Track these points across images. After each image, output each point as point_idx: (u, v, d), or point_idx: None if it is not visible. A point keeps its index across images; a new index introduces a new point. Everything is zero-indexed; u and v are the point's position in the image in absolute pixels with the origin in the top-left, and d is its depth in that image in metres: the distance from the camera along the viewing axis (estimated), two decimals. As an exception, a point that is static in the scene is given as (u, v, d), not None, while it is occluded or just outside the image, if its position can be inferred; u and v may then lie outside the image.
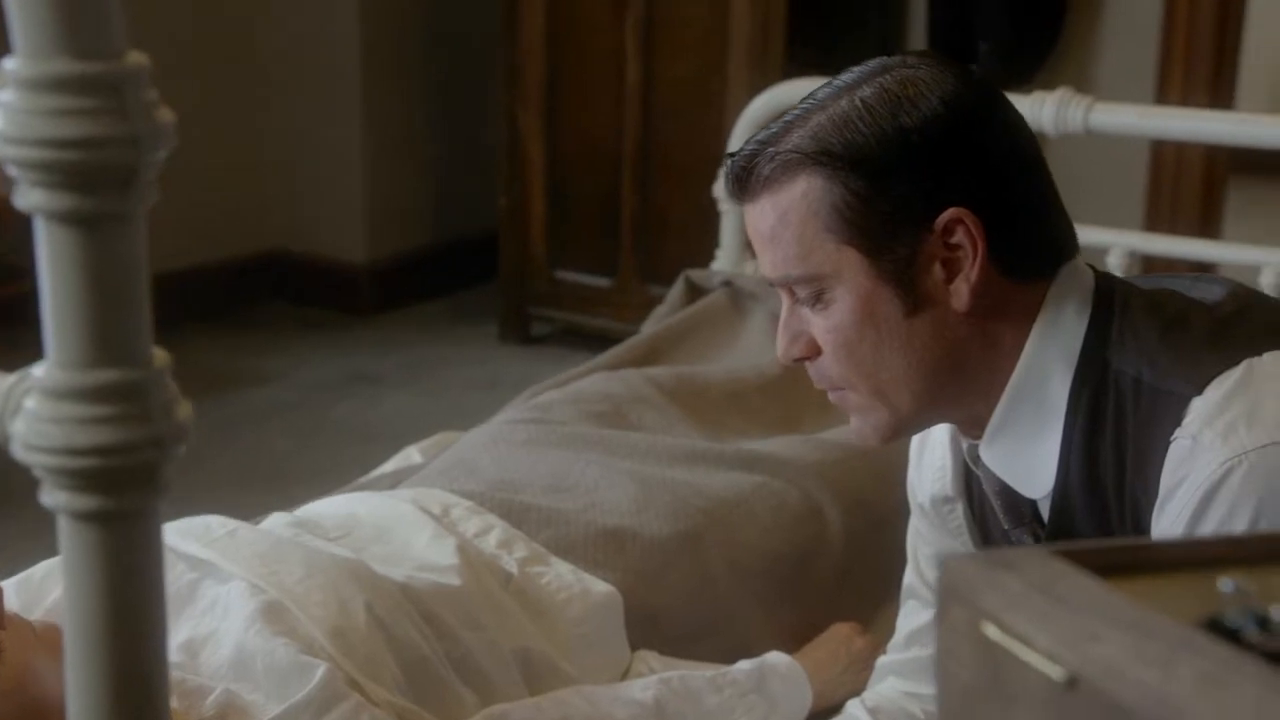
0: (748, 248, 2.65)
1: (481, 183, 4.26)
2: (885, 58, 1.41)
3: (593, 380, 2.15)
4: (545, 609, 1.63)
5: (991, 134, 1.37)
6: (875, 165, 1.33)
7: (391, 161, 4.28)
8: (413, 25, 4.25)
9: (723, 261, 2.61)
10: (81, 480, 0.79)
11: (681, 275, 2.54)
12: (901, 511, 1.89)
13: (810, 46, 3.57)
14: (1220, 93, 3.57)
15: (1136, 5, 3.75)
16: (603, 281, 3.92)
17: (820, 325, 1.38)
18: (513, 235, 4.00)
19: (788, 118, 1.40)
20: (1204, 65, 3.56)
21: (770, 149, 1.38)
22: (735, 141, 2.69)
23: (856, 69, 1.40)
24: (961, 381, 1.39)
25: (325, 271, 4.30)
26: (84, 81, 0.75)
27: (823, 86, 1.40)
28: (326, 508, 1.75)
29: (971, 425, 1.44)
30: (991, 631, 0.69)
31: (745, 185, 1.40)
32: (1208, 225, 3.69)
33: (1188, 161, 3.68)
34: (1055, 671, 0.65)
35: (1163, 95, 3.58)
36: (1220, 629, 0.64)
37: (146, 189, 0.79)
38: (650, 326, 2.45)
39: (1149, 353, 1.34)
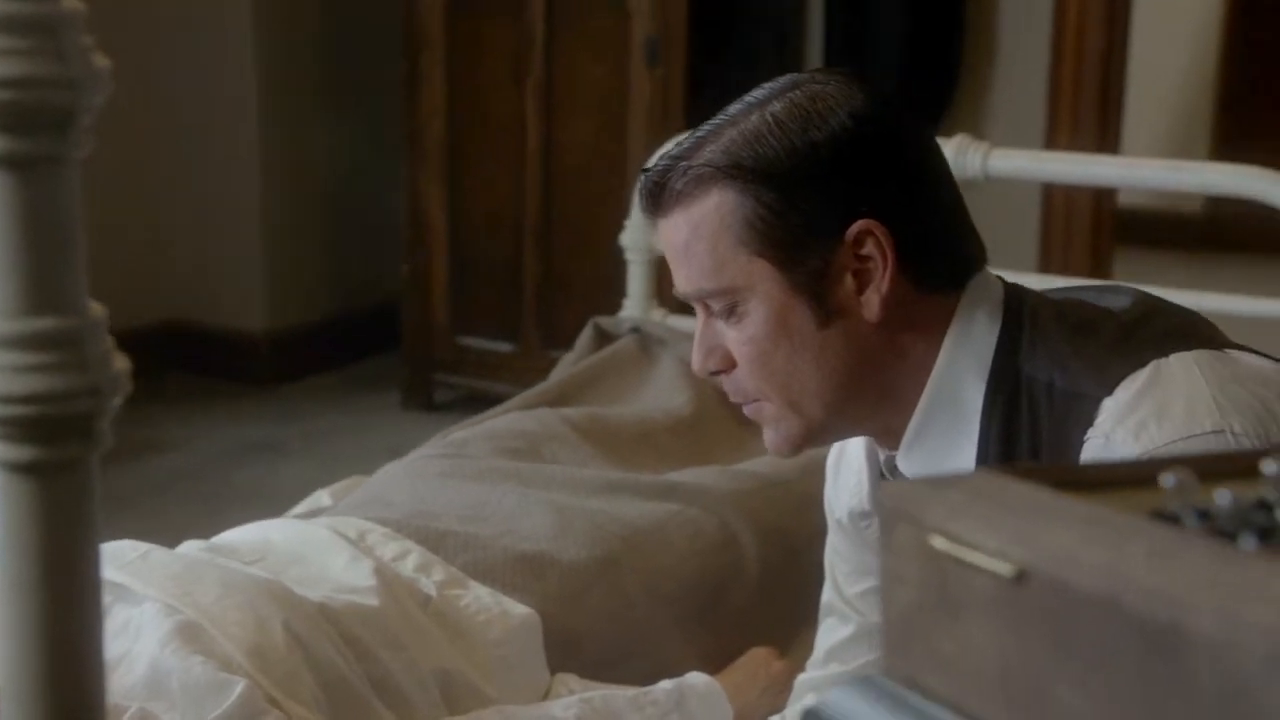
0: (655, 296, 2.68)
1: (383, 250, 4.25)
2: (796, 74, 1.44)
3: (506, 419, 2.15)
4: (465, 631, 1.62)
5: (899, 148, 1.40)
6: (786, 179, 1.35)
7: (291, 230, 4.26)
8: (312, 91, 4.25)
9: (630, 310, 2.63)
10: (17, 430, 0.77)
11: (590, 322, 2.56)
12: (816, 540, 1.90)
13: (709, 109, 3.62)
14: (1106, 140, 3.68)
15: (1025, 57, 3.86)
16: (506, 347, 3.92)
17: (734, 338, 1.40)
18: (415, 302, 3.99)
19: (700, 133, 1.42)
20: (1090, 114, 3.67)
21: (683, 164, 1.40)
22: (636, 210, 2.72)
23: (767, 85, 1.42)
24: (875, 392, 1.40)
25: (224, 341, 4.25)
26: (18, 21, 0.75)
27: (734, 103, 1.43)
28: (240, 535, 1.73)
29: (886, 436, 1.45)
30: (939, 542, 0.70)
31: (658, 200, 1.41)
32: (1099, 268, 3.80)
33: (1078, 207, 3.79)
34: (1004, 568, 0.66)
35: (1051, 143, 3.68)
36: (1163, 519, 0.65)
37: (83, 134, 0.78)
38: (559, 373, 2.46)
39: (1060, 358, 1.37)
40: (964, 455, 1.39)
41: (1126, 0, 3.75)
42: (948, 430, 1.39)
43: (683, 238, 1.39)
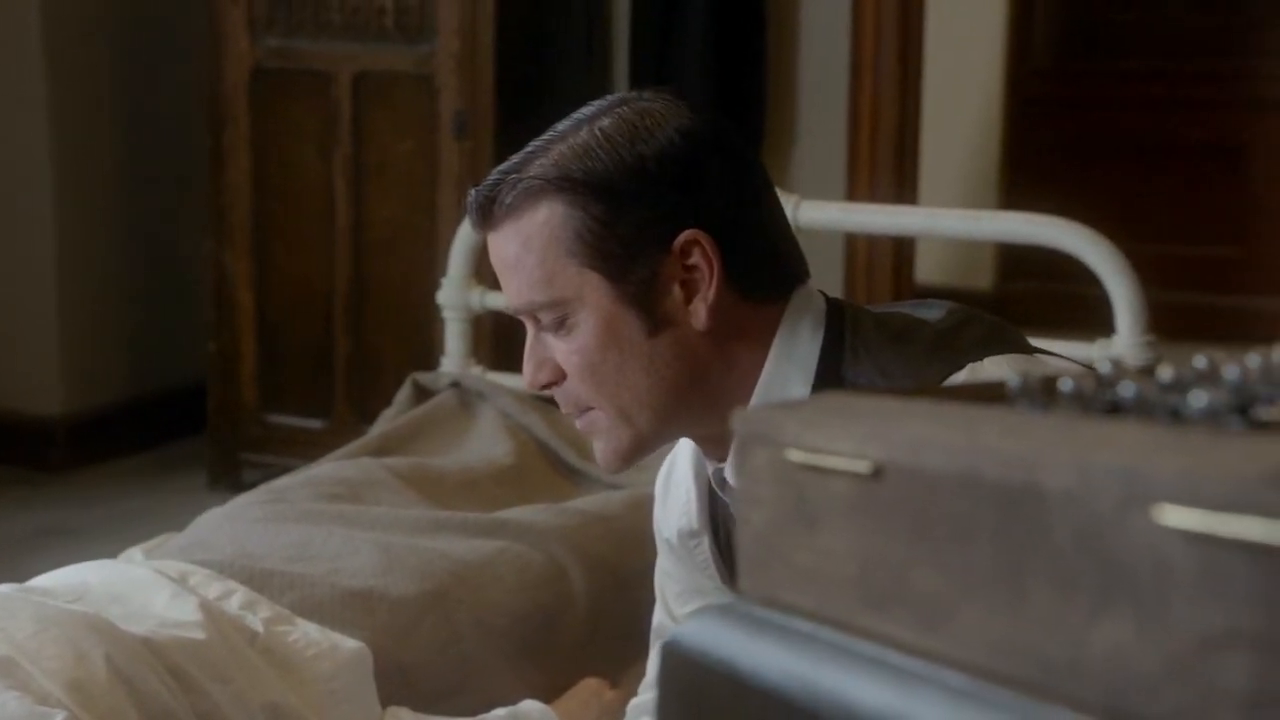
0: (472, 354, 2.69)
1: (187, 329, 4.18)
2: (623, 93, 1.47)
3: (327, 467, 2.13)
4: (294, 665, 1.59)
5: (723, 163, 1.44)
6: (615, 191, 1.38)
7: (88, 311, 4.16)
8: (111, 166, 4.18)
9: (449, 366, 2.63)
10: None
11: (409, 378, 2.55)
12: (643, 574, 1.91)
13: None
14: (904, 191, 3.81)
15: (825, 111, 3.99)
16: (316, 424, 3.87)
17: (564, 349, 1.41)
18: (222, 381, 3.92)
19: (529, 149, 1.44)
20: (888, 166, 3.80)
21: (513, 177, 1.41)
22: (454, 264, 2.72)
23: (595, 103, 1.46)
24: (703, 400, 1.43)
25: (16, 426, 4.12)
26: None
27: (563, 121, 1.46)
28: (55, 578, 1.67)
29: (714, 446, 1.48)
30: (795, 455, 0.72)
31: (488, 214, 1.43)
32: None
33: (879, 255, 3.91)
34: (861, 465, 0.68)
35: (852, 194, 3.80)
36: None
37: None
38: (379, 428, 2.45)
39: (881, 364, 1.41)
40: (792, 463, 1.42)
41: (918, 71, 3.90)
42: None
43: (513, 251, 1.41)
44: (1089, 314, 3.57)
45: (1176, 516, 0.52)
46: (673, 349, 1.40)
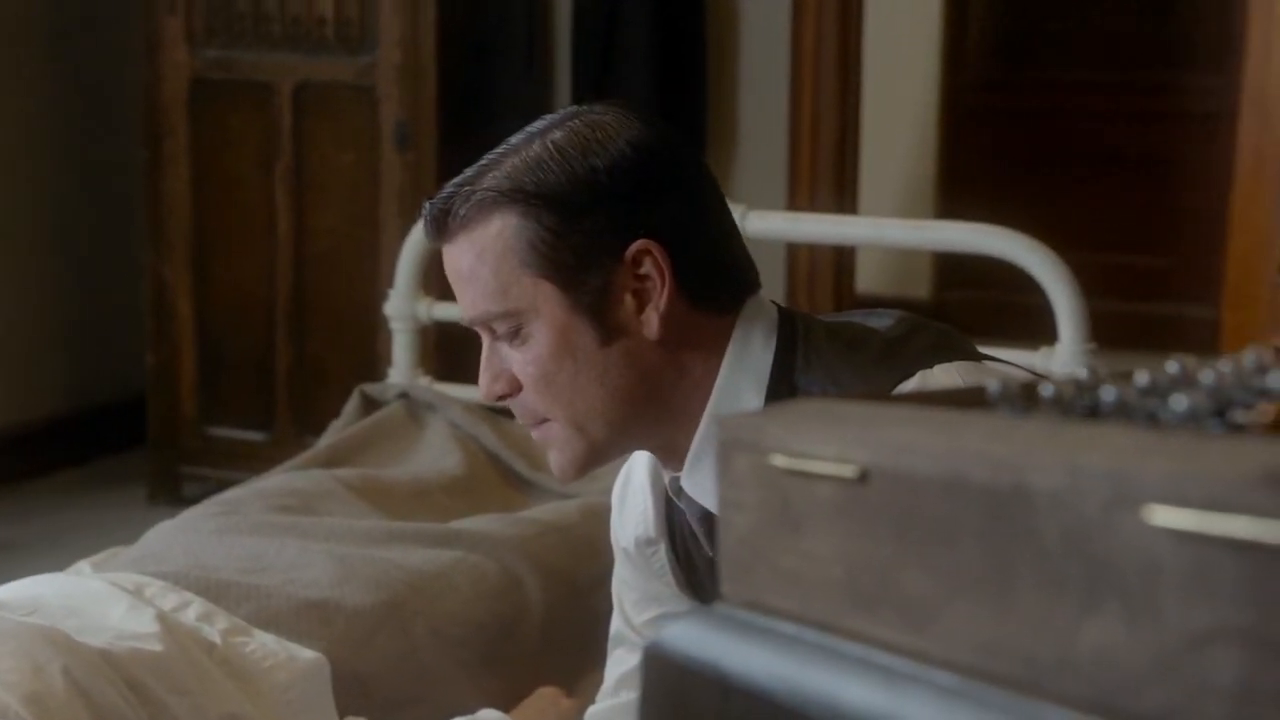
0: (419, 364, 2.68)
1: (126, 341, 4.14)
2: (574, 107, 1.49)
3: (278, 479, 2.12)
4: (251, 676, 1.59)
5: (675, 174, 1.46)
6: (568, 202, 1.39)
7: (26, 323, 4.12)
8: (49, 175, 4.14)
9: (396, 377, 2.63)
10: None
11: (356, 390, 2.55)
12: (598, 583, 1.92)
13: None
14: (845, 200, 3.85)
15: (765, 120, 4.02)
16: (258, 436, 3.85)
17: (519, 360, 1.42)
18: (161, 393, 3.90)
19: (483, 162, 1.45)
20: (829, 175, 3.83)
21: (467, 189, 1.43)
22: (400, 275, 2.72)
23: (547, 117, 1.47)
24: (657, 409, 1.44)
25: (-45, 440, 4.08)
26: None
27: (516, 134, 1.47)
28: (7, 591, 1.66)
29: (670, 455, 1.49)
30: (779, 460, 0.73)
31: (443, 227, 1.44)
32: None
33: (820, 264, 3.94)
34: (847, 470, 0.69)
35: (793, 203, 3.83)
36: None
37: None
38: (327, 439, 2.44)
39: (833, 371, 1.43)
40: (747, 470, 1.44)
41: (858, 81, 3.94)
42: None
43: (467, 262, 1.42)
44: (1025, 322, 3.62)
45: (1166, 516, 0.54)
46: (626, 358, 1.41)
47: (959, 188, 5.47)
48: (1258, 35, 3.22)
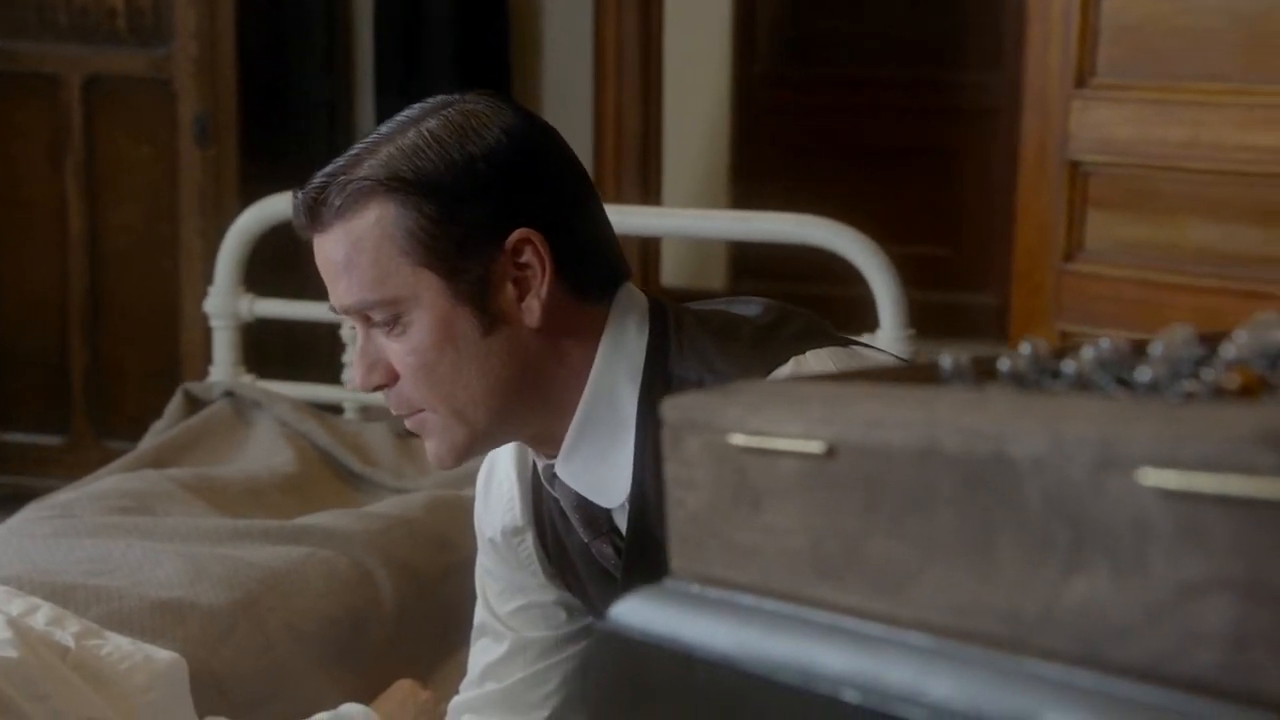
0: (242, 362, 2.64)
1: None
2: (446, 96, 1.49)
3: (110, 481, 2.07)
4: (108, 679, 1.55)
5: (550, 162, 1.47)
6: (446, 190, 1.39)
7: None
8: None
9: (219, 375, 2.58)
10: None
11: (180, 389, 2.50)
12: (448, 575, 1.93)
13: (264, 185, 3.60)
14: (649, 193, 3.89)
15: (570, 116, 4.04)
16: (54, 440, 3.74)
17: (398, 350, 1.42)
18: (-52, 397, 3.75)
19: (355, 150, 1.44)
20: (633, 168, 3.88)
21: (341, 178, 1.41)
22: (221, 272, 2.65)
23: (418, 105, 1.47)
24: (536, 397, 1.45)
25: None
26: None
27: (386, 123, 1.46)
28: None
29: (545, 443, 1.50)
30: (739, 439, 0.75)
31: (317, 215, 1.42)
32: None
33: (626, 255, 3.99)
34: (814, 446, 0.71)
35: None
36: (949, 391, 0.73)
37: None
38: (150, 440, 2.38)
39: (707, 359, 1.46)
40: (621, 458, 1.45)
41: (659, 76, 3.99)
42: (605, 435, 1.45)
43: (343, 252, 1.40)
44: (823, 312, 3.72)
45: (1157, 477, 0.58)
46: (507, 346, 1.42)
47: (753, 180, 5.58)
48: (1037, 34, 3.35)
